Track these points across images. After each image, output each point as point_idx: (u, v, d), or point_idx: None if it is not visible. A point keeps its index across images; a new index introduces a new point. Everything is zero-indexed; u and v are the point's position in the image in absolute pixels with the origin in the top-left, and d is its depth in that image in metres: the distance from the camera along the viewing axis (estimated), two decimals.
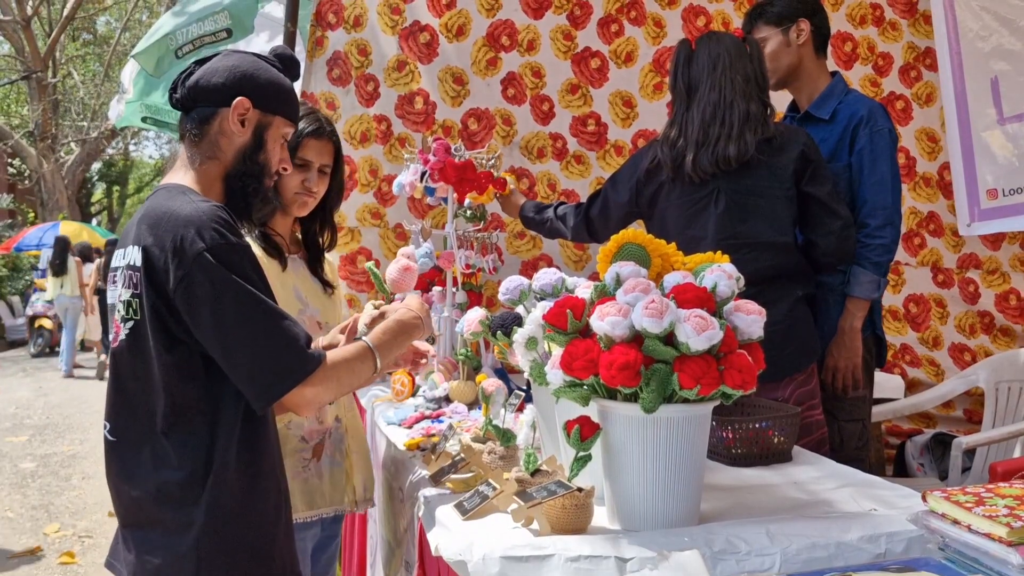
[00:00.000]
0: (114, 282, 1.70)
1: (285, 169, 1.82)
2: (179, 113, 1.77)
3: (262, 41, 5.26)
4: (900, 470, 3.78)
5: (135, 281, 1.61)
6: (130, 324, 1.63)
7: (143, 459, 1.63)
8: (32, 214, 22.86)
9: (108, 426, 1.69)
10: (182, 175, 1.73)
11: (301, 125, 2.19)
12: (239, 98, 1.71)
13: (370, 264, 2.29)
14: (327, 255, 2.41)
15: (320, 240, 2.36)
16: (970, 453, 3.33)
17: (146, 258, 1.59)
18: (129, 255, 1.65)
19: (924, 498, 1.38)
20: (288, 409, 1.65)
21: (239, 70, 1.73)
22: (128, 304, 1.63)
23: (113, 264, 1.72)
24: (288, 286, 2.20)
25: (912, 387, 3.86)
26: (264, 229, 2.21)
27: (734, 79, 2.49)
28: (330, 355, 1.66)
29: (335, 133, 2.28)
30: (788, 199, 2.52)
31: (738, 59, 2.52)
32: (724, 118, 2.47)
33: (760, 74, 2.55)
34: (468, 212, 3.02)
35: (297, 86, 3.50)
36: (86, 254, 12.72)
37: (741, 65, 2.51)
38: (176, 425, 1.61)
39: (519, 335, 1.87)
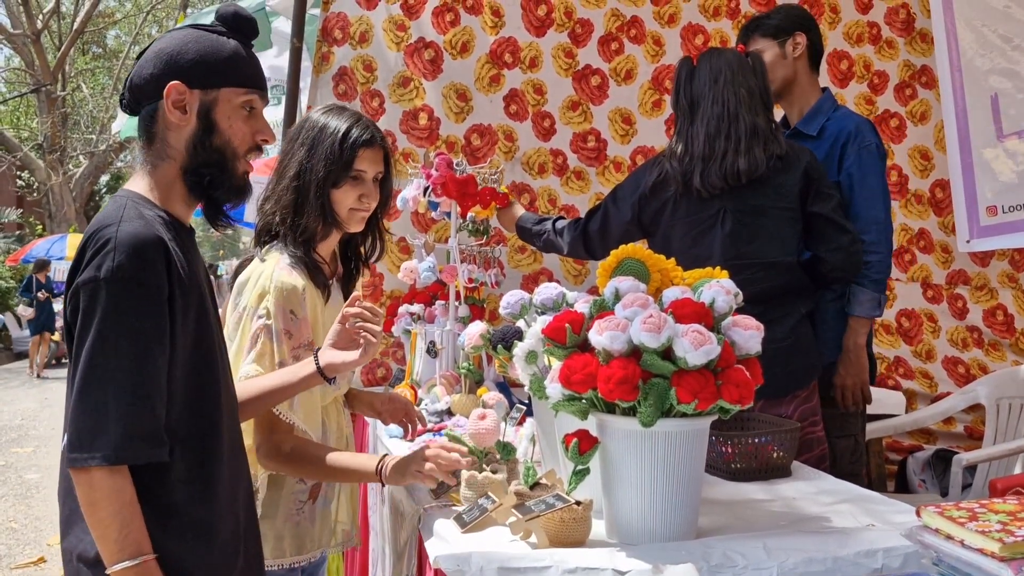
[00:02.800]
0: None
1: (265, 140, 1.62)
2: None
3: (271, 56, 5.31)
4: (902, 486, 3.77)
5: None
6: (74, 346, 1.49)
7: None
8: (40, 227, 22.96)
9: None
10: (138, 181, 1.58)
11: (354, 133, 2.01)
12: (170, 83, 1.52)
13: (448, 431, 2.07)
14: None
15: (362, 250, 2.19)
16: (971, 469, 3.33)
17: (70, 278, 1.47)
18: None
19: (918, 513, 1.39)
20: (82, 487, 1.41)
21: (164, 53, 1.55)
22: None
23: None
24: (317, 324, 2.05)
25: (907, 399, 3.88)
26: (313, 255, 2.03)
27: (737, 92, 2.48)
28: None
29: (384, 138, 2.11)
30: (793, 218, 2.53)
31: (740, 72, 2.51)
32: (730, 131, 2.46)
33: (764, 88, 2.55)
34: (471, 226, 3.04)
35: (303, 101, 3.54)
36: None
37: (744, 79, 2.51)
38: None
39: (519, 349, 1.89)
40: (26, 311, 15.04)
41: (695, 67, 2.57)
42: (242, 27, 1.61)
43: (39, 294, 14.78)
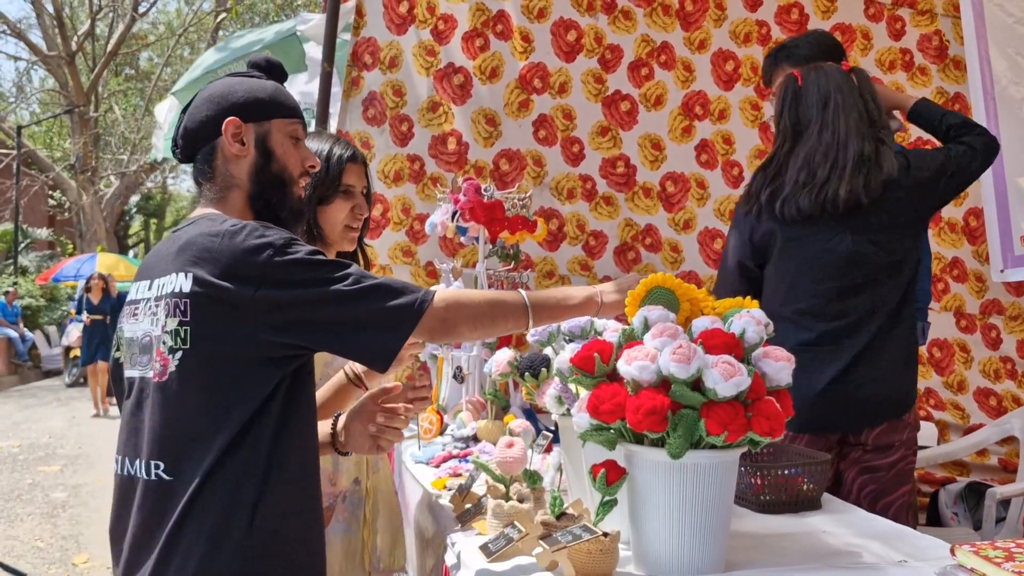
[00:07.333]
0: (135, 316, 1.63)
1: (312, 167, 1.75)
2: None
3: (300, 81, 5.35)
4: (933, 519, 3.71)
5: (183, 309, 1.54)
6: (179, 354, 1.54)
7: (202, 501, 1.54)
8: (70, 245, 23.27)
9: (162, 465, 1.58)
10: (210, 209, 1.69)
11: (337, 151, 2.14)
12: (227, 120, 1.67)
13: (475, 458, 2.11)
14: None
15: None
16: (1005, 503, 3.27)
17: (200, 284, 1.53)
18: (169, 284, 1.57)
19: (953, 552, 1.36)
20: (427, 338, 1.65)
21: (215, 96, 1.70)
22: (175, 333, 1.54)
23: (136, 296, 1.65)
24: None
25: (939, 430, 3.82)
26: None
27: (848, 117, 2.41)
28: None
29: (363, 155, 2.24)
30: (914, 234, 2.49)
31: (850, 95, 2.44)
32: (836, 159, 2.38)
33: (874, 107, 2.46)
34: (501, 251, 3.04)
35: (333, 125, 3.57)
36: None
37: (854, 101, 2.43)
38: (225, 462, 1.53)
39: (549, 396, 1.89)
40: (77, 325, 13.65)
41: (801, 87, 2.49)
42: (275, 70, 1.78)
43: (83, 317, 12.87)
